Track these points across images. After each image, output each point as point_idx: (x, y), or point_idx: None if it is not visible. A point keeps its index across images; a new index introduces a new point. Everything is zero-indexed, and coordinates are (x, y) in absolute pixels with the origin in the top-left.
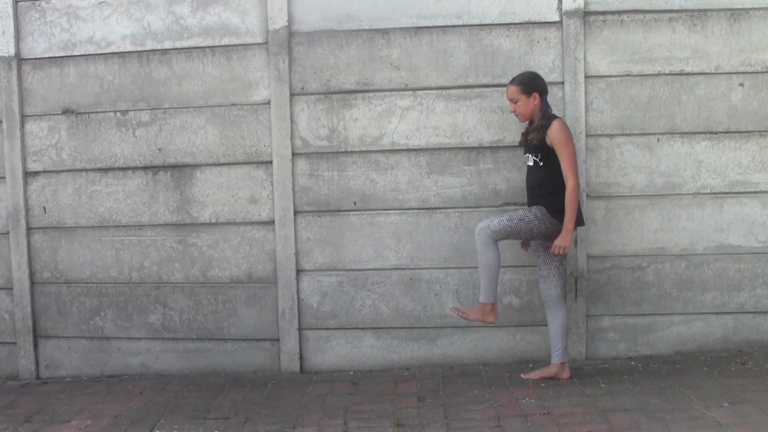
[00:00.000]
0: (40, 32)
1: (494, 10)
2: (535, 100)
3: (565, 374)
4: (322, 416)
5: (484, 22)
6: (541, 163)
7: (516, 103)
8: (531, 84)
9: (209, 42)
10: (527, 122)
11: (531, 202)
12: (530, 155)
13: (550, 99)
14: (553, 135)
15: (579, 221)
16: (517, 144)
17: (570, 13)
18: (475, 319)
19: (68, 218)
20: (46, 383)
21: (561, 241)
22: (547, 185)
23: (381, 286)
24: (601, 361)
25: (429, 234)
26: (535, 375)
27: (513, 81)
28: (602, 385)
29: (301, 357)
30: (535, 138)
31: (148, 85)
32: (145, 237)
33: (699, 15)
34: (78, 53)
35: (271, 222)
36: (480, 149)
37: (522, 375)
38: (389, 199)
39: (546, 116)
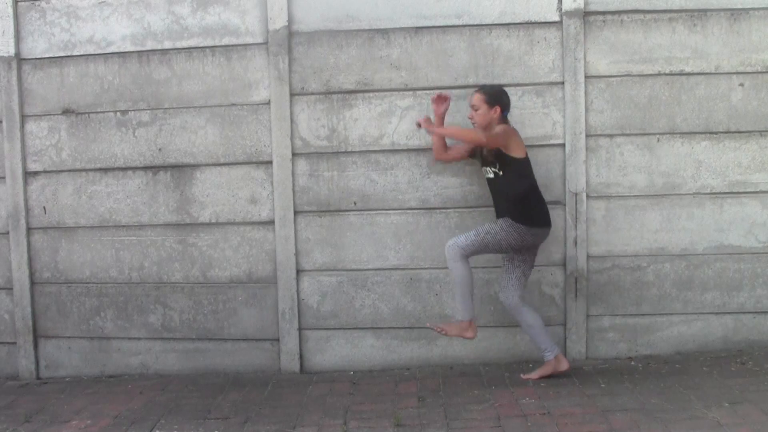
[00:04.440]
0: (40, 32)
1: (494, 10)
2: (495, 113)
3: (563, 366)
4: (322, 416)
5: (484, 22)
6: (501, 173)
7: (476, 110)
8: (496, 97)
9: (209, 42)
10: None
11: (498, 215)
12: (488, 168)
13: (550, 99)
14: (495, 131)
15: (544, 222)
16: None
17: (570, 13)
18: (454, 335)
19: (68, 218)
20: (46, 383)
21: (428, 123)
22: (509, 194)
23: (381, 286)
24: (601, 361)
25: (429, 234)
26: (534, 375)
27: (481, 89)
28: (602, 385)
29: (301, 357)
30: (490, 155)
31: (148, 85)
32: (145, 237)
33: (699, 15)
34: (78, 53)
35: (271, 222)
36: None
37: (522, 375)
38: (389, 199)
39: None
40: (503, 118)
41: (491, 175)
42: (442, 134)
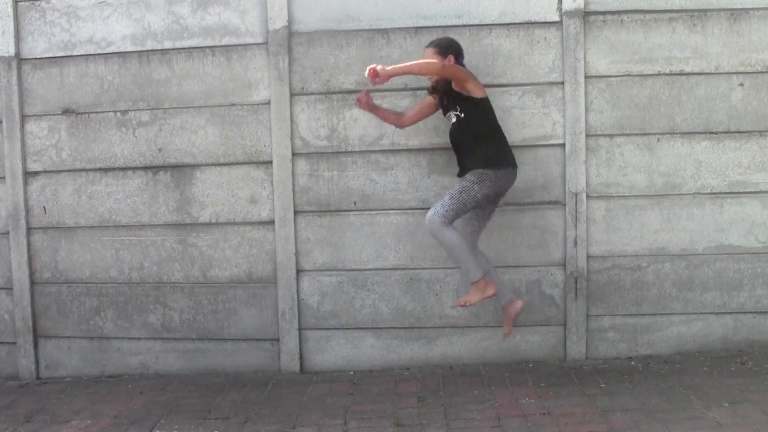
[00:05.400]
0: (40, 32)
1: (494, 10)
2: (450, 62)
3: (490, 291)
4: (322, 416)
5: (484, 22)
6: (463, 115)
7: None
8: (447, 47)
9: (209, 42)
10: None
11: (462, 168)
12: (451, 113)
13: (550, 99)
14: (451, 71)
15: (511, 161)
16: (442, 112)
17: (570, 13)
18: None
19: (68, 218)
20: (46, 383)
21: (382, 68)
22: (474, 135)
23: (381, 286)
24: (601, 361)
25: (429, 234)
26: (466, 300)
27: (431, 44)
28: (602, 385)
29: (301, 357)
30: (451, 99)
31: (148, 85)
32: (145, 237)
33: (699, 15)
34: (78, 53)
35: (271, 222)
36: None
37: (452, 304)
38: (389, 199)
39: None
40: (459, 63)
41: (454, 120)
42: (394, 74)
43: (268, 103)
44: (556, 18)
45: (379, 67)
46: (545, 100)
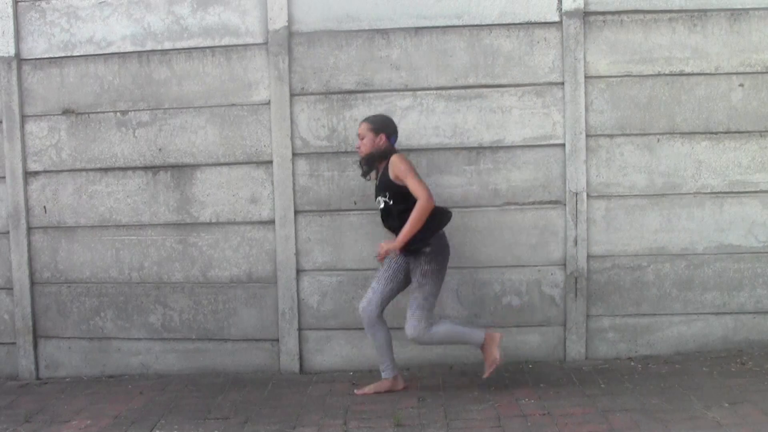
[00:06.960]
0: (40, 32)
1: (494, 11)
2: (380, 140)
3: (399, 385)
4: (322, 416)
5: (484, 22)
6: (391, 202)
7: (362, 139)
8: (380, 125)
9: (209, 42)
10: (365, 165)
11: (404, 251)
12: (380, 198)
13: (550, 99)
14: (395, 167)
15: (447, 215)
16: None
17: (570, 13)
18: (498, 351)
19: (68, 218)
20: (46, 383)
21: (387, 244)
22: (402, 222)
23: None
24: (601, 361)
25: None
26: (369, 389)
27: (366, 119)
28: (602, 385)
29: (301, 357)
30: (380, 183)
31: (148, 85)
32: (145, 237)
33: (699, 15)
34: (78, 53)
35: (272, 222)
36: (480, 149)
37: (356, 390)
38: None
39: (387, 153)
40: (391, 145)
41: (382, 205)
42: (404, 241)
43: (268, 103)
44: (556, 18)
45: (388, 246)
46: (545, 100)
